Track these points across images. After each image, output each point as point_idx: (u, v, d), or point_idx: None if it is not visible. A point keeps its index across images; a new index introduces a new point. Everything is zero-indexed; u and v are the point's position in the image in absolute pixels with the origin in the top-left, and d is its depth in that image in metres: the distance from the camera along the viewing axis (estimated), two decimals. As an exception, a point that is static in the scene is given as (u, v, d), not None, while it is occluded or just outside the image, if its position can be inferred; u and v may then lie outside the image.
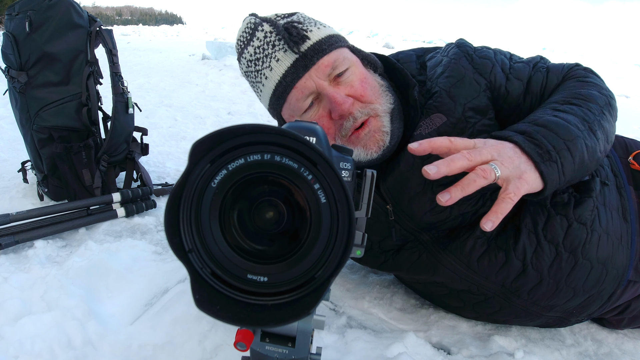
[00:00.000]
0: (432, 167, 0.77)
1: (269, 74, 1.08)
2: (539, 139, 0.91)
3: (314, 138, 0.64)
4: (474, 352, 1.23)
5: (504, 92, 1.16)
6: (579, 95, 1.07)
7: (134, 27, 38.57)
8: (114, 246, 1.57)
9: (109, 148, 2.00)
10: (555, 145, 0.91)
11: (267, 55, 1.07)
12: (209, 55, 8.79)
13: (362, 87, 1.08)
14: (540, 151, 0.90)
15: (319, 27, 1.10)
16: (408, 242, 1.22)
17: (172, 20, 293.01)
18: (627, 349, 1.32)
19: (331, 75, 1.07)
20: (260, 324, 0.56)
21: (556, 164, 0.90)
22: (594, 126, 1.00)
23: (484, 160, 0.82)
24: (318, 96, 1.08)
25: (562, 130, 0.94)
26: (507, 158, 0.85)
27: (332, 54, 1.07)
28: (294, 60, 1.05)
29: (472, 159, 0.81)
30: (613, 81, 8.58)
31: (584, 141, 0.96)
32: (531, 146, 0.90)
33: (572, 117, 0.99)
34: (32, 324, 1.12)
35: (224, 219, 0.58)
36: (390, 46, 18.66)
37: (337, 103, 1.04)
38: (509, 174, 0.83)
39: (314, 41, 1.06)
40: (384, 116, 1.10)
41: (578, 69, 1.21)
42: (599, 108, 1.05)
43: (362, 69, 1.13)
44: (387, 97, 1.13)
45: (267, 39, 1.07)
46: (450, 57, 1.20)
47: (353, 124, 1.07)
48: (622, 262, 1.16)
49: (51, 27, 1.84)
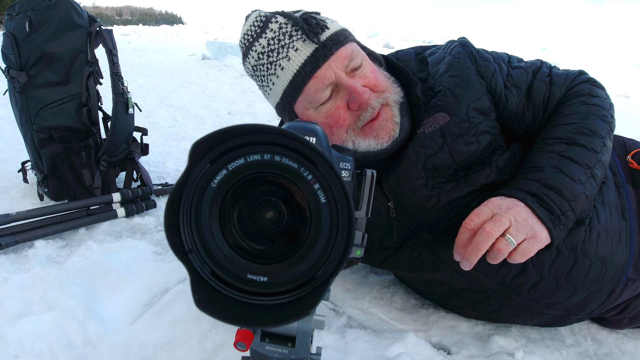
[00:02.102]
0: (466, 263, 0.95)
1: (286, 64, 1.06)
2: (549, 204, 0.99)
3: (314, 138, 0.64)
4: (474, 352, 1.23)
5: (504, 99, 1.18)
6: (584, 129, 1.10)
7: (134, 27, 38.58)
8: (114, 246, 1.57)
9: (109, 148, 2.00)
10: (562, 208, 1.00)
11: (284, 45, 1.06)
12: (209, 55, 8.79)
13: (375, 77, 1.11)
14: (552, 217, 0.99)
15: (333, 21, 1.13)
16: (409, 239, 1.22)
17: (172, 20, 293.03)
18: (627, 349, 1.32)
19: (348, 67, 1.08)
20: (260, 324, 0.56)
21: (564, 227, 1.00)
22: (595, 170, 1.06)
23: (504, 229, 0.93)
24: (336, 87, 1.09)
25: (568, 192, 1.01)
26: (522, 221, 0.95)
27: (348, 46, 1.09)
28: (314, 50, 1.05)
29: (494, 234, 0.92)
30: (613, 81, 8.58)
31: (585, 195, 1.03)
32: (544, 212, 0.98)
33: (576, 169, 1.04)
34: (32, 324, 1.12)
35: (224, 219, 0.58)
36: (390, 46, 18.65)
37: (358, 93, 1.05)
38: (524, 237, 0.94)
39: (332, 31, 1.08)
40: (394, 106, 1.12)
41: (582, 81, 1.21)
42: (602, 142, 1.09)
43: (372, 63, 1.16)
44: (396, 89, 1.15)
45: (282, 29, 1.06)
46: (454, 55, 1.20)
47: (371, 114, 1.09)
48: (622, 260, 1.16)
49: (51, 27, 1.84)
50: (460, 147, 1.11)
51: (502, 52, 1.29)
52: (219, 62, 7.69)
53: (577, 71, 1.25)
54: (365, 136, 1.11)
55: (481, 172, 1.13)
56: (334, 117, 1.09)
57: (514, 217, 0.94)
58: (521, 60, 1.27)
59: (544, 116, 1.19)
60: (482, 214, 0.96)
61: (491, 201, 0.99)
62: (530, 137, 1.21)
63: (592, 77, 1.24)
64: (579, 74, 1.23)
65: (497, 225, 0.92)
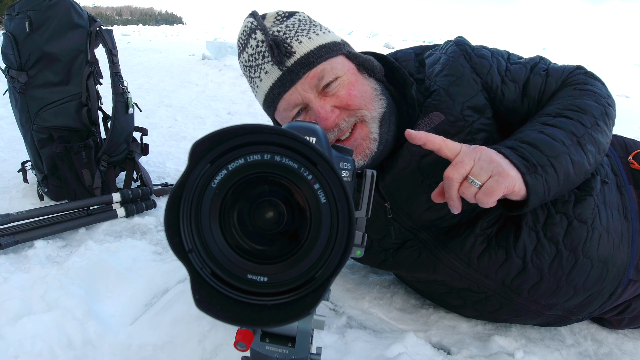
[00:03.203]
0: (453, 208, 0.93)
1: (260, 83, 1.13)
2: (524, 154, 0.95)
3: (314, 138, 0.64)
4: (474, 352, 1.23)
5: (500, 94, 1.17)
6: (573, 106, 1.08)
7: (134, 27, 38.58)
8: (114, 246, 1.57)
9: (109, 148, 2.00)
10: (539, 160, 0.95)
11: (258, 65, 1.11)
12: (209, 55, 8.79)
13: (349, 95, 1.09)
14: (527, 164, 0.94)
15: (311, 37, 1.10)
16: (408, 240, 1.22)
17: (172, 20, 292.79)
18: (627, 349, 1.32)
19: (318, 86, 1.09)
20: (260, 324, 0.56)
21: (542, 177, 0.94)
22: (583, 140, 1.02)
23: (465, 171, 0.90)
24: (306, 106, 1.11)
25: (546, 147, 0.97)
26: (486, 159, 0.90)
27: (320, 66, 1.08)
28: (280, 76, 1.08)
29: (454, 177, 0.90)
30: (613, 81, 8.57)
31: (569, 156, 0.99)
32: (518, 158, 0.94)
33: (559, 132, 1.01)
34: (32, 324, 1.12)
35: (224, 219, 0.58)
36: (390, 46, 18.67)
37: (322, 118, 1.07)
38: (488, 175, 0.89)
39: (300, 55, 1.07)
40: (372, 123, 1.11)
41: (579, 73, 1.20)
42: (593, 120, 1.06)
43: (354, 76, 1.13)
44: (379, 102, 1.13)
45: (258, 48, 1.10)
46: (448, 54, 1.20)
47: (337, 135, 1.10)
48: (623, 261, 1.16)
49: (51, 27, 1.84)
50: None
51: (503, 50, 1.29)
52: (219, 62, 7.69)
53: (574, 65, 1.24)
54: None
55: None
56: None
57: (478, 156, 0.91)
58: (521, 58, 1.27)
59: (538, 107, 1.17)
60: (454, 144, 0.95)
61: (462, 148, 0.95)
62: None
63: (590, 71, 1.22)
64: (576, 68, 1.22)
65: (457, 167, 0.90)
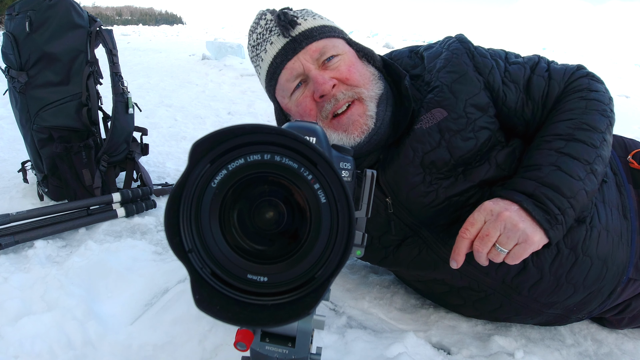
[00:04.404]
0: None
1: (264, 56, 1.18)
2: (546, 204, 0.99)
3: (314, 138, 0.64)
4: (474, 352, 1.23)
5: (502, 95, 1.18)
6: (583, 124, 1.10)
7: (134, 27, 38.57)
8: (114, 246, 1.57)
9: (109, 148, 2.00)
10: (560, 206, 1.00)
11: (265, 39, 1.17)
12: (209, 55, 8.79)
13: (349, 71, 1.14)
14: (549, 217, 0.99)
15: (316, 18, 1.19)
16: (408, 237, 1.22)
17: (172, 20, 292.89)
18: (627, 349, 1.32)
19: (319, 60, 1.14)
20: (260, 324, 0.56)
21: (562, 225, 1.00)
22: (595, 165, 1.05)
23: (492, 242, 0.98)
24: (305, 78, 1.15)
25: (566, 188, 1.01)
26: (511, 228, 0.96)
27: (322, 41, 1.15)
28: (285, 44, 1.14)
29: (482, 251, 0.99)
30: (613, 81, 8.57)
31: (584, 190, 1.03)
32: (540, 213, 0.99)
33: (574, 165, 1.04)
34: (32, 324, 1.12)
35: (224, 219, 0.58)
36: (390, 46, 18.67)
37: (318, 83, 1.10)
38: (515, 243, 0.97)
39: (305, 28, 1.15)
40: (369, 101, 1.14)
41: (581, 75, 1.21)
42: (601, 136, 1.09)
43: (354, 58, 1.19)
44: (377, 84, 1.17)
45: (267, 25, 1.17)
46: (451, 51, 1.21)
47: (334, 106, 1.12)
48: (622, 260, 1.16)
49: (51, 27, 1.84)
50: (458, 143, 1.12)
51: (499, 49, 1.29)
52: (219, 62, 7.69)
53: (575, 65, 1.24)
54: (334, 129, 1.14)
55: (480, 167, 1.13)
56: (302, 106, 1.16)
57: (504, 225, 0.97)
58: (518, 56, 1.27)
59: (544, 112, 1.19)
60: (476, 221, 1.00)
61: (484, 207, 1.01)
62: (530, 133, 1.21)
63: (591, 72, 1.23)
64: (577, 69, 1.23)
65: (485, 241, 0.98)
